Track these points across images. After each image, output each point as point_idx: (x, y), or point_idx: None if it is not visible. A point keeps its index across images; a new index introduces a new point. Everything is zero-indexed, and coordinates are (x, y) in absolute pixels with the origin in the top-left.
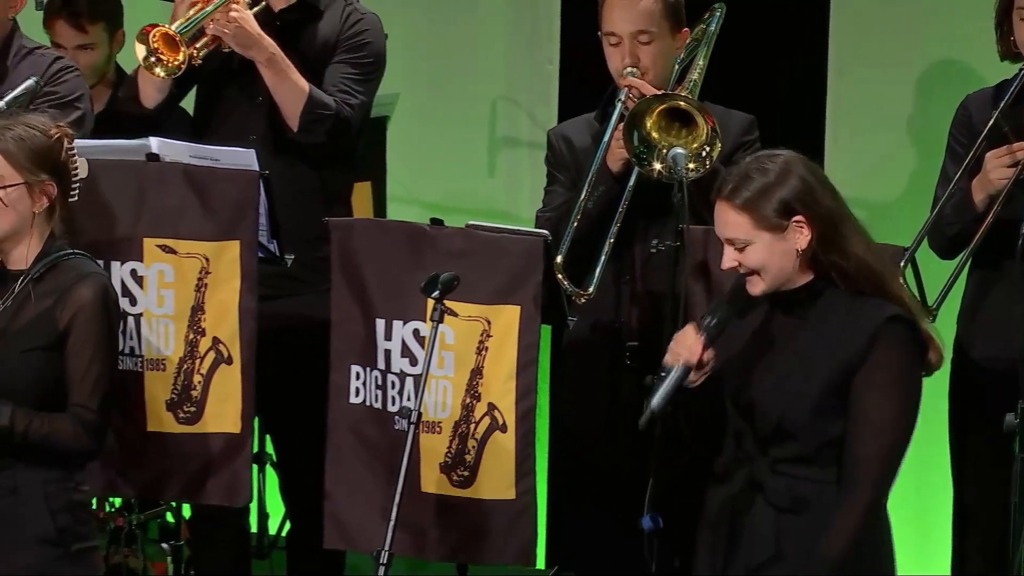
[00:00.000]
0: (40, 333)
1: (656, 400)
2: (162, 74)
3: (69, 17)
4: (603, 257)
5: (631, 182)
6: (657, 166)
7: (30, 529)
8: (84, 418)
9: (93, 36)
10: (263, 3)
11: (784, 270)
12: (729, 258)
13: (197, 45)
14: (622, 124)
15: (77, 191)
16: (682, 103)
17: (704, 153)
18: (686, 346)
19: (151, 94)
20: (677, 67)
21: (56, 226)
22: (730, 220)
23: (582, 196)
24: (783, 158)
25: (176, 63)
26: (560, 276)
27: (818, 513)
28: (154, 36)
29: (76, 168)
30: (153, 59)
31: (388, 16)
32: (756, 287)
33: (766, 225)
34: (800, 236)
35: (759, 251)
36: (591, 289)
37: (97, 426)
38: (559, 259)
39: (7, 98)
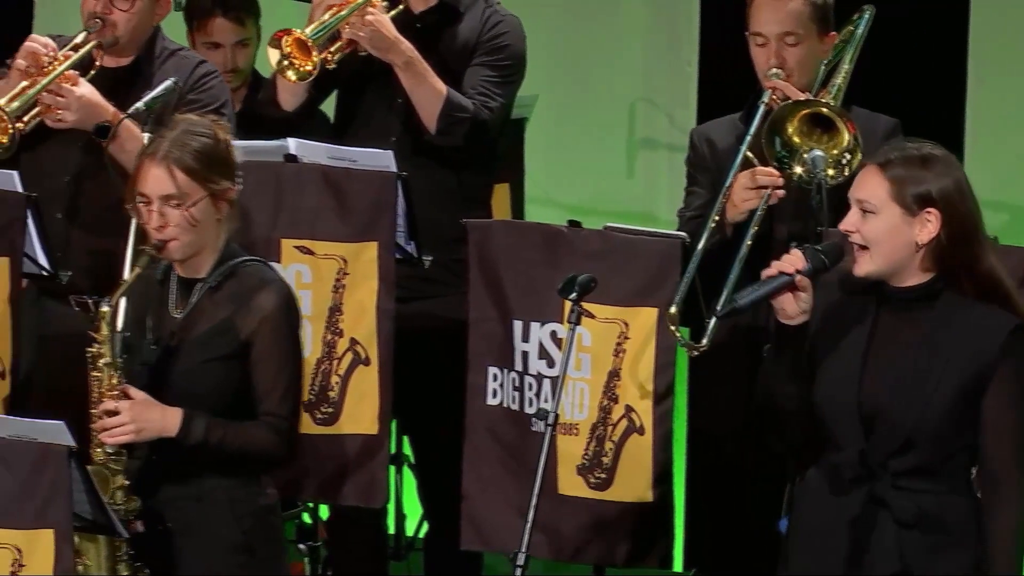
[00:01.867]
0: (221, 342)
1: (744, 297)
2: (294, 78)
3: (228, 13)
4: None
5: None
6: (798, 170)
7: (216, 536)
8: (276, 426)
9: (250, 31)
10: (401, 6)
11: (894, 257)
12: (851, 220)
13: (332, 49)
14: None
15: (240, 180)
16: (824, 109)
17: (844, 160)
18: (789, 260)
19: (289, 97)
20: (823, 69)
21: (229, 228)
22: (871, 182)
23: (715, 207)
24: (946, 154)
25: (308, 68)
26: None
27: (943, 527)
28: (287, 41)
29: (236, 158)
30: (286, 63)
31: (528, 18)
32: (862, 266)
33: (901, 202)
34: (925, 230)
35: (881, 224)
36: (704, 341)
37: (289, 433)
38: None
39: (146, 98)
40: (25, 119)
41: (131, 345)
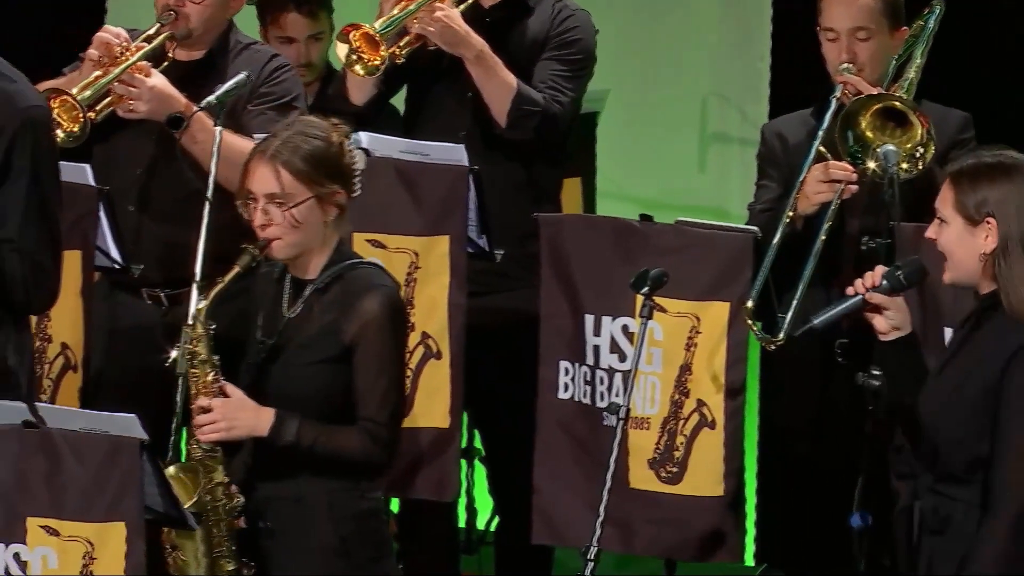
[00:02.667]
0: (326, 346)
1: (820, 317)
2: (362, 72)
3: (301, 7)
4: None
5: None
6: (871, 164)
7: (314, 539)
8: (373, 432)
9: (323, 24)
10: (471, 0)
11: (965, 267)
12: (931, 230)
13: (400, 44)
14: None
15: (359, 185)
16: (897, 103)
17: (918, 154)
18: (867, 278)
19: (358, 92)
20: (894, 64)
21: (341, 230)
22: (943, 192)
23: (789, 202)
24: (1015, 162)
25: (376, 63)
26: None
27: (961, 536)
28: (355, 36)
29: (356, 164)
30: (354, 57)
31: (600, 12)
32: (945, 275)
33: (963, 211)
34: (986, 240)
35: (951, 234)
36: (780, 336)
37: (387, 439)
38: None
39: (218, 92)
40: (97, 108)
41: (248, 343)
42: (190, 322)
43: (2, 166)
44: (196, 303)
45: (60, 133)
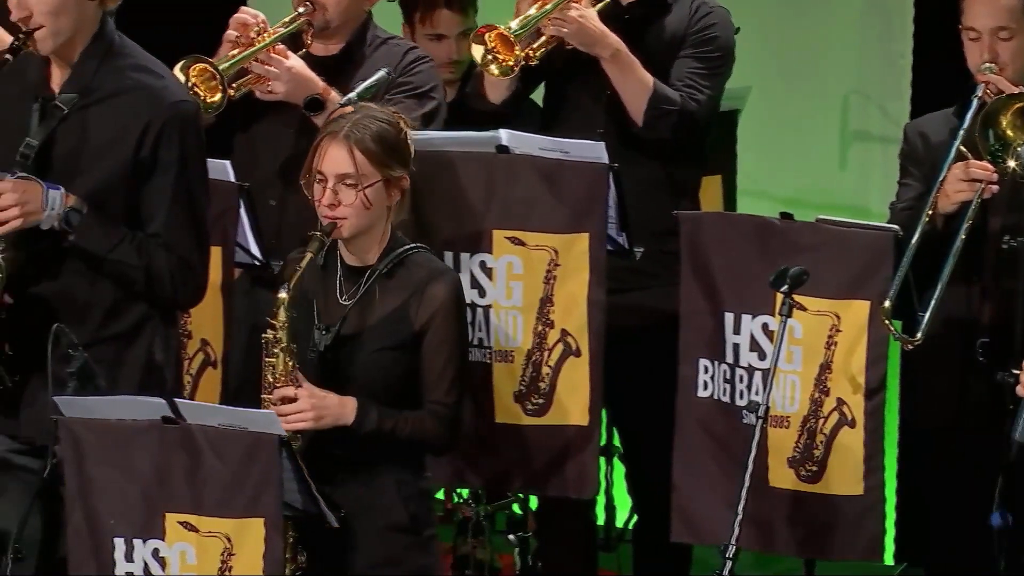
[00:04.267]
0: (394, 331)
1: (1020, 430)
2: (496, 73)
3: (452, 4)
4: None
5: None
6: (1012, 164)
7: (385, 518)
8: (442, 415)
9: (471, 21)
10: (605, 1)
11: None
12: None
13: (535, 45)
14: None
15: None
16: None
17: None
18: None
19: (496, 90)
20: None
21: (397, 218)
22: None
23: (929, 200)
24: None
25: (510, 63)
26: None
27: None
28: (491, 36)
29: (410, 148)
30: (489, 57)
31: (740, 9)
32: None
33: None
34: None
35: None
36: (919, 335)
37: (454, 422)
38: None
39: (358, 88)
40: (234, 86)
41: (300, 331)
42: (272, 311)
43: (149, 161)
44: (279, 291)
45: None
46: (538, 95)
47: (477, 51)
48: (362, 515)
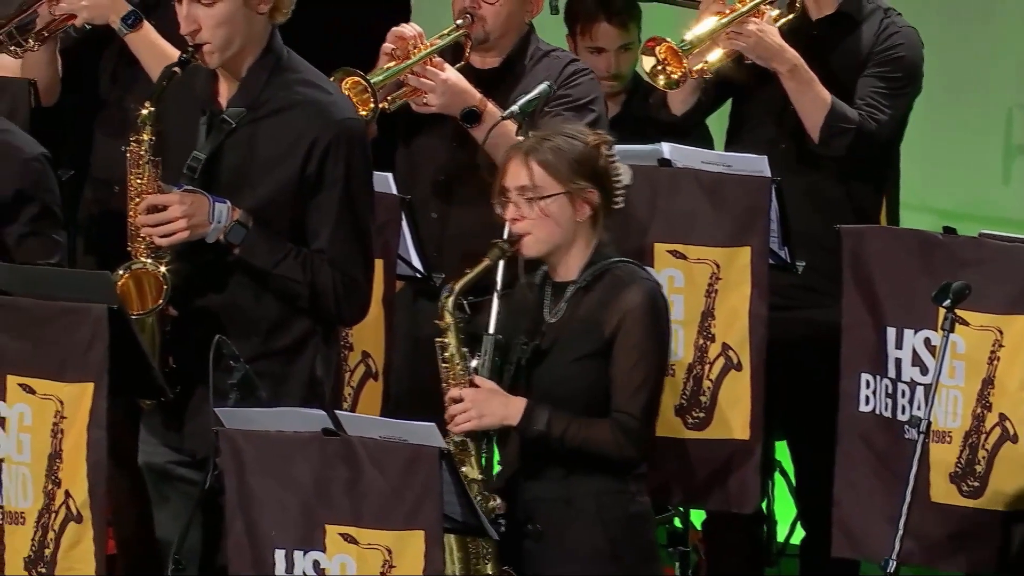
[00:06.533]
0: (588, 340)
1: None
2: (663, 84)
3: (612, 17)
4: None
5: None
6: None
7: (582, 541)
8: (625, 424)
9: (633, 35)
10: (790, 16)
11: None
12: None
13: (708, 59)
14: None
15: (622, 198)
16: None
17: None
18: None
19: (680, 101)
20: None
21: (602, 234)
22: None
23: None
24: None
25: (677, 76)
26: None
27: None
28: (660, 49)
29: (619, 174)
30: (659, 68)
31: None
32: None
33: None
34: None
35: None
36: None
37: (639, 432)
38: None
39: (521, 101)
40: (389, 99)
41: (505, 345)
42: (440, 314)
43: (316, 177)
44: (444, 295)
45: None
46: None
47: (647, 62)
48: (560, 536)
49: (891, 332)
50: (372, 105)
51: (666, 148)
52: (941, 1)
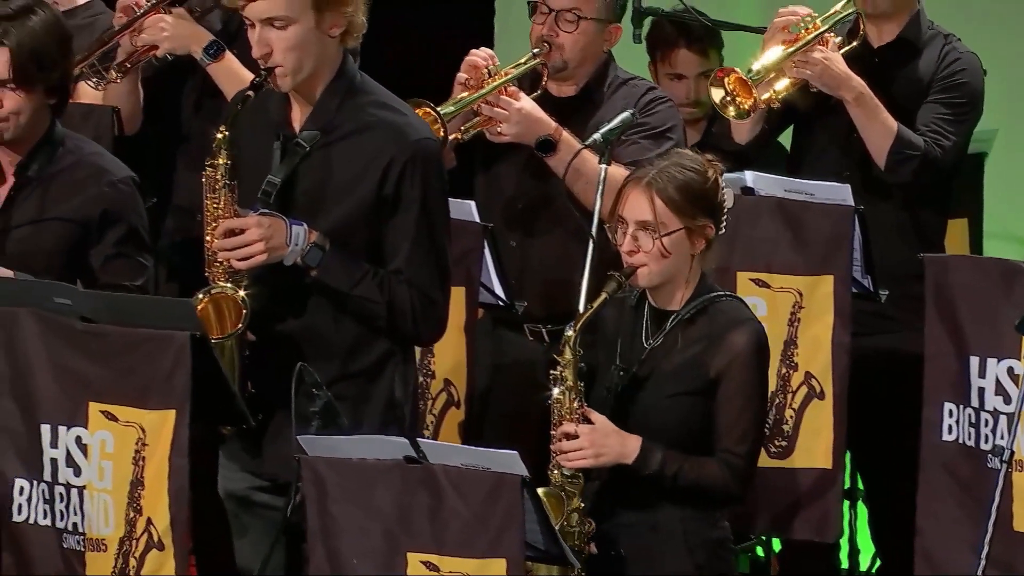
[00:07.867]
0: (690, 378)
1: None
2: (733, 115)
3: (692, 44)
4: None
5: None
6: None
7: (668, 566)
8: (733, 464)
9: (713, 62)
10: (853, 43)
11: None
12: None
13: (777, 88)
14: None
15: (726, 223)
16: None
17: None
18: None
19: (742, 131)
20: None
21: (708, 263)
22: None
23: None
24: None
25: (747, 106)
26: None
27: None
28: (729, 79)
29: (725, 201)
30: (728, 99)
31: (986, 53)
32: None
33: None
34: None
35: None
36: None
37: (745, 473)
38: None
39: (603, 130)
40: (463, 128)
41: (599, 369)
42: (559, 348)
43: (392, 197)
44: (567, 330)
45: None
46: (786, 138)
47: (716, 94)
48: (646, 560)
49: (974, 361)
50: (442, 135)
51: (749, 176)
52: (1017, 20)
